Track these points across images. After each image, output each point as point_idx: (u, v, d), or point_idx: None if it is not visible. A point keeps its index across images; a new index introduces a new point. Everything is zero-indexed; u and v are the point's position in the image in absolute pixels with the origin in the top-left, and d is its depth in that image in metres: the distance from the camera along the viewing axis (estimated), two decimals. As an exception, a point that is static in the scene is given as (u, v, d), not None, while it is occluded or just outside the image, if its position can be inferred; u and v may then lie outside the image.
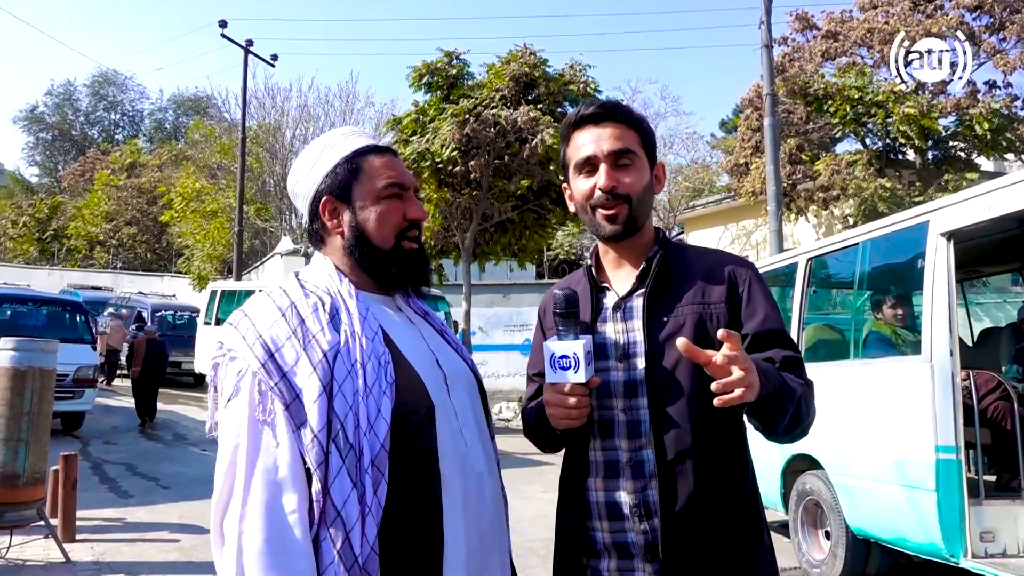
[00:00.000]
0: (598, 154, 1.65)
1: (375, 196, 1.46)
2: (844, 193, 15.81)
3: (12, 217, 41.97)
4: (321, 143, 1.52)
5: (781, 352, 1.60)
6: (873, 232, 5.18)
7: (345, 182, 1.46)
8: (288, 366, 1.24)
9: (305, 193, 1.49)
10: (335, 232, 1.47)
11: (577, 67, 15.35)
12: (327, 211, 1.47)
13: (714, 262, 1.70)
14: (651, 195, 1.73)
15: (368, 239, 1.45)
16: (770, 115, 11.98)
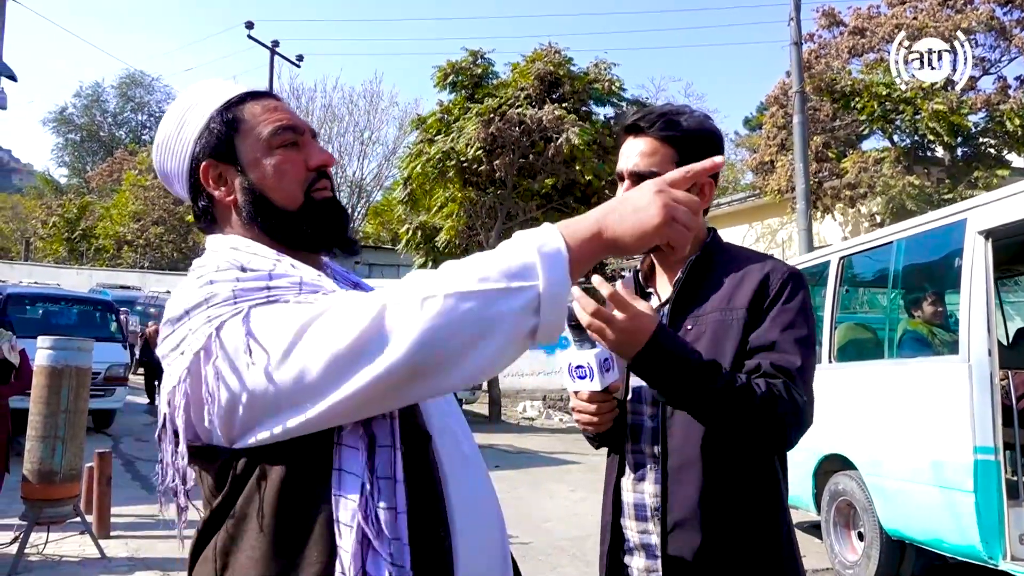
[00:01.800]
0: (622, 170, 1.67)
1: (265, 147, 1.19)
2: (871, 191, 15.63)
3: (42, 217, 42.57)
4: (180, 105, 1.22)
5: (771, 358, 1.52)
6: (908, 230, 5.12)
7: (224, 139, 1.18)
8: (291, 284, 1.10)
9: (178, 168, 1.21)
10: (227, 201, 1.19)
11: (602, 65, 15.33)
12: (210, 179, 1.19)
13: (751, 267, 1.63)
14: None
15: (269, 200, 1.17)
16: (799, 112, 11.89)
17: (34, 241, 42.75)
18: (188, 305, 1.04)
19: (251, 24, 21.43)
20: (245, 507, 1.05)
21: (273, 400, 0.99)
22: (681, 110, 1.70)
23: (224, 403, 1.01)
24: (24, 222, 44.17)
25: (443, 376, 0.97)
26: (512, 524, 6.49)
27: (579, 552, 6.13)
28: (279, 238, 1.18)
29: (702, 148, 1.61)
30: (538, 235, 1.02)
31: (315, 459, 1.03)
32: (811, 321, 1.59)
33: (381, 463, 1.04)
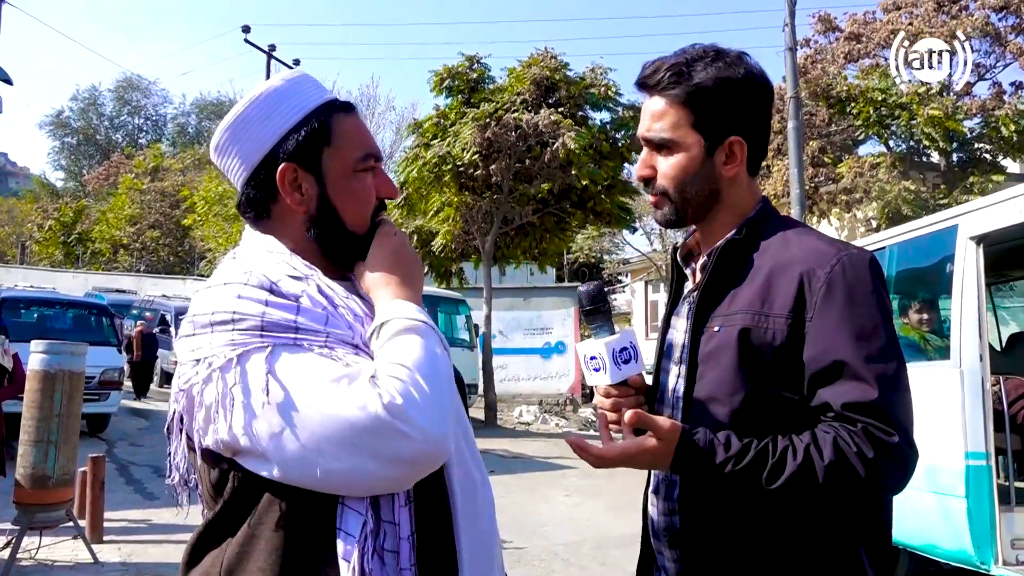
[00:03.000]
0: (638, 135, 1.44)
1: (351, 169, 1.20)
2: (867, 196, 15.68)
3: (38, 221, 42.51)
4: (273, 91, 1.20)
5: (838, 394, 1.22)
6: (901, 236, 5.13)
7: (314, 146, 1.18)
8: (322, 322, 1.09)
9: (249, 152, 1.19)
10: (296, 207, 1.18)
11: (598, 70, 15.35)
12: (287, 181, 1.17)
13: (796, 254, 1.30)
14: (708, 181, 1.37)
15: (340, 219, 1.19)
16: (794, 118, 11.92)
17: (30, 244, 42.69)
18: (215, 319, 1.05)
19: (248, 28, 21.43)
20: (255, 529, 1.07)
21: (274, 447, 1.01)
22: (700, 55, 1.37)
23: (230, 428, 1.03)
24: (20, 225, 44.11)
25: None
26: (507, 529, 6.48)
27: (574, 558, 6.12)
28: (332, 255, 1.20)
29: (725, 105, 1.35)
30: (403, 310, 1.12)
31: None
32: (884, 321, 1.26)
33: (385, 506, 1.07)
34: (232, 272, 1.11)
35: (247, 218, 1.24)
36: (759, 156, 1.41)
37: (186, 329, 1.09)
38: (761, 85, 1.38)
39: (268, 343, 1.02)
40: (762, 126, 1.39)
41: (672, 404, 1.44)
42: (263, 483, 1.05)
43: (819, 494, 1.20)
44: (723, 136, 1.36)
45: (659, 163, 1.39)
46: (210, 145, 1.25)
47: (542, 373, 18.73)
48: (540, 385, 18.19)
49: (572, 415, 16.83)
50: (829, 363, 1.23)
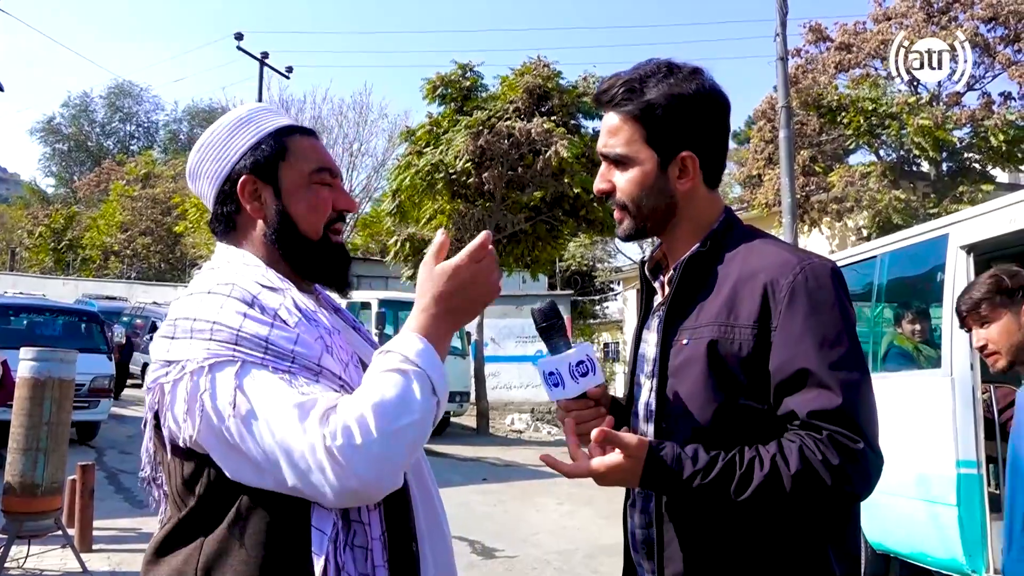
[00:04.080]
0: (599, 152, 1.45)
1: (305, 180, 1.31)
2: (858, 205, 15.76)
3: (28, 227, 42.30)
4: (235, 118, 1.33)
5: (803, 402, 1.23)
6: (892, 245, 5.16)
7: (271, 161, 1.29)
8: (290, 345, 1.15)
9: (215, 172, 1.30)
10: (256, 216, 1.29)
11: (591, 79, 15.44)
12: (247, 192, 1.28)
13: (759, 265, 1.32)
14: (663, 195, 1.38)
15: (296, 226, 1.29)
16: (785, 127, 11.99)
17: (20, 251, 42.45)
18: (195, 326, 1.13)
19: (240, 35, 21.47)
20: (234, 527, 1.13)
21: (235, 454, 1.10)
22: (652, 71, 1.38)
23: (195, 429, 1.11)
24: (10, 232, 43.88)
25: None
26: (499, 538, 6.49)
27: (566, 566, 6.11)
28: (292, 262, 1.30)
29: (676, 121, 1.35)
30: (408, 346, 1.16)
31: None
32: (847, 329, 1.27)
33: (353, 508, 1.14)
34: (215, 282, 1.18)
35: (217, 233, 1.34)
36: (716, 169, 1.43)
37: (165, 331, 1.17)
38: (714, 100, 1.38)
39: (239, 358, 1.10)
40: (716, 140, 1.40)
41: (646, 418, 1.45)
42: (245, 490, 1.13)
43: (787, 503, 1.22)
44: (675, 151, 1.37)
45: (616, 178, 1.42)
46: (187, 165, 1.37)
47: (534, 381, 18.66)
48: (532, 393, 18.15)
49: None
50: (794, 371, 1.25)
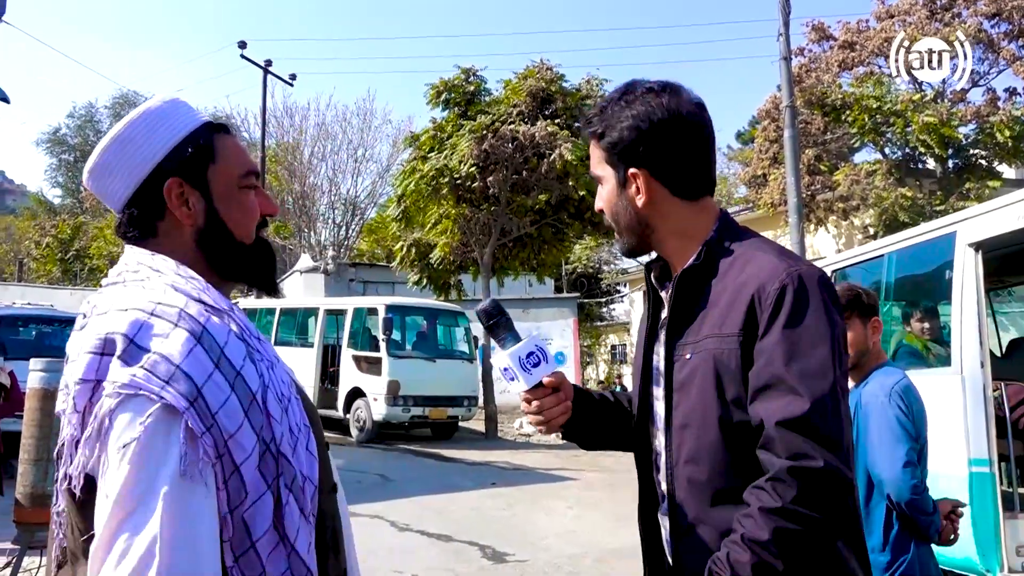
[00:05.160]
0: None
1: (235, 184, 1.25)
2: (864, 203, 15.71)
3: (35, 238, 42.47)
4: (153, 111, 1.23)
5: (775, 415, 1.22)
6: (899, 243, 5.14)
7: (199, 163, 1.22)
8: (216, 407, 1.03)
9: (133, 170, 1.19)
10: (185, 222, 1.20)
11: (594, 81, 15.42)
12: (174, 195, 1.20)
13: (751, 273, 1.32)
14: (627, 212, 1.44)
15: (230, 232, 1.23)
16: (790, 127, 11.97)
17: (28, 262, 42.62)
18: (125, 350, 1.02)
19: (244, 44, 21.55)
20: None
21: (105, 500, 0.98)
22: (613, 96, 1.45)
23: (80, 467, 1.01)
24: (17, 243, 44.10)
25: None
26: (509, 542, 6.47)
27: (577, 570, 6.10)
28: (219, 267, 1.23)
29: (625, 141, 1.40)
30: None
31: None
32: (830, 337, 1.25)
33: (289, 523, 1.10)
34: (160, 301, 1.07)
35: (129, 238, 1.22)
36: (686, 181, 1.42)
37: (89, 345, 1.04)
38: (670, 117, 1.39)
39: (160, 400, 0.99)
40: (675, 154, 1.40)
41: (661, 429, 1.46)
42: None
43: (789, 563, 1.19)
44: (625, 169, 1.41)
45: (600, 196, 1.50)
46: (85, 169, 1.24)
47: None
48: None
49: (572, 426, 16.79)
50: (766, 378, 1.24)
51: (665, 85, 1.43)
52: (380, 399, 13.77)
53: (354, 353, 14.65)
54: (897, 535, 2.51)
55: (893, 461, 2.47)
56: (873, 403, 2.56)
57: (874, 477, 2.54)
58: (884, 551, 2.51)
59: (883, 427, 2.51)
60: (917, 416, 2.57)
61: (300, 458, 1.13)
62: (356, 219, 30.81)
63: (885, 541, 2.52)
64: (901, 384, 2.59)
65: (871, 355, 2.67)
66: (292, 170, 28.76)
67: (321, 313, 15.91)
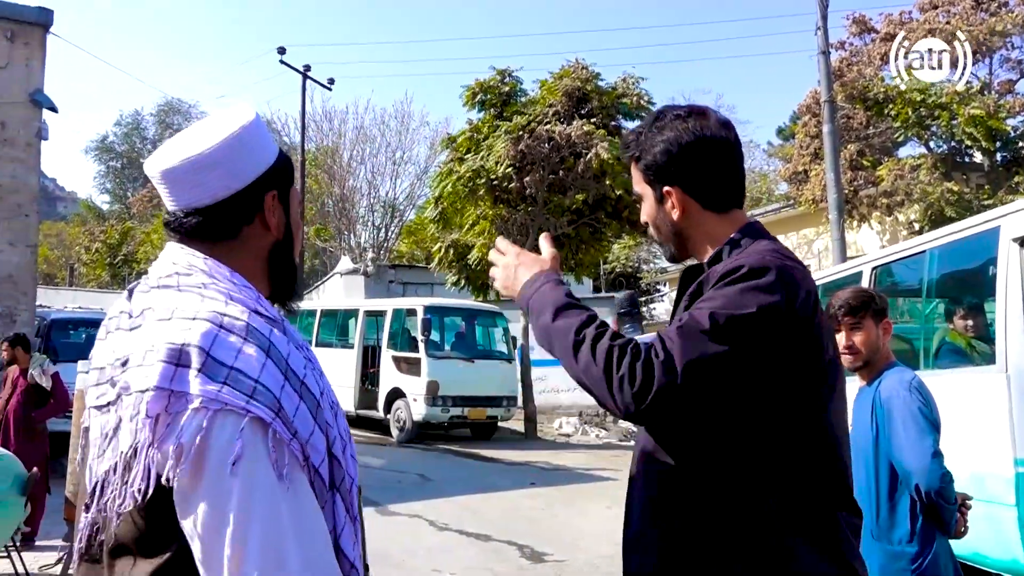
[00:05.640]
0: None
1: (298, 208, 1.35)
2: (909, 198, 15.40)
3: (85, 243, 43.57)
4: (260, 123, 1.28)
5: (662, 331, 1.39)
6: (941, 239, 5.04)
7: (288, 181, 1.30)
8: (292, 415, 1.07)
9: (242, 171, 1.21)
10: (272, 231, 1.26)
11: (630, 80, 15.35)
12: (270, 207, 1.25)
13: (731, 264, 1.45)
14: (665, 225, 1.61)
15: (292, 248, 1.31)
16: (829, 122, 11.78)
17: (78, 267, 43.75)
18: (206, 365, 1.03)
19: (283, 49, 21.83)
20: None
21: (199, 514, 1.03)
22: (648, 122, 1.61)
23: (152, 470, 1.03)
24: (68, 248, 45.27)
25: None
26: (547, 542, 6.48)
27: (614, 570, 6.06)
28: (276, 278, 1.30)
29: (659, 162, 1.56)
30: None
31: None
32: (728, 306, 1.34)
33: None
34: (225, 313, 1.09)
35: (197, 236, 1.22)
36: (716, 195, 1.57)
37: (161, 353, 1.04)
38: (698, 139, 1.54)
39: (248, 414, 1.02)
40: (704, 172, 1.55)
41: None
42: None
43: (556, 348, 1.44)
44: (661, 186, 1.58)
45: (643, 211, 1.66)
46: (176, 155, 1.20)
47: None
48: (580, 396, 18.06)
49: (612, 426, 16.73)
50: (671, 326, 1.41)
51: (692, 110, 1.58)
52: (420, 399, 13.87)
53: (394, 354, 14.77)
54: (923, 526, 2.54)
55: (922, 450, 2.49)
56: (894, 397, 2.59)
57: (900, 469, 2.56)
58: (911, 542, 2.54)
59: (908, 419, 2.54)
60: (935, 410, 2.62)
61: (348, 460, 1.18)
62: (395, 221, 31.06)
63: (912, 533, 2.54)
64: (917, 379, 2.67)
65: (881, 355, 2.75)
66: (332, 173, 29.09)
67: (361, 314, 16.07)
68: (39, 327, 11.54)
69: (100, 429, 1.11)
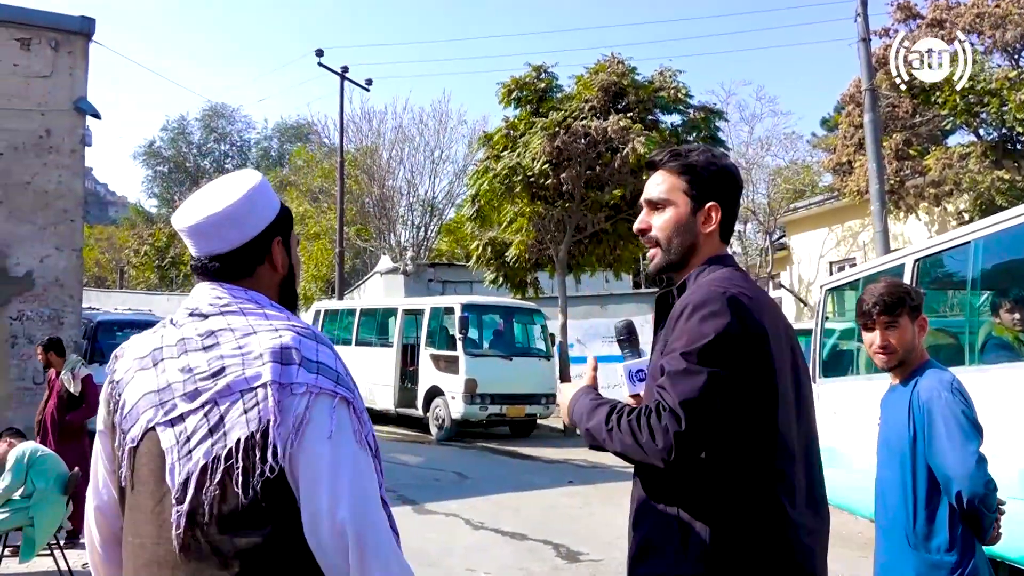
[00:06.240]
0: (642, 200, 1.87)
1: (295, 249, 1.63)
2: (957, 188, 14.97)
3: (134, 247, 44.58)
4: (266, 183, 1.58)
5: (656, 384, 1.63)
6: (987, 228, 4.86)
7: (289, 228, 1.59)
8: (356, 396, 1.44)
9: (257, 224, 1.51)
10: (279, 269, 1.55)
11: (667, 73, 15.19)
12: (277, 250, 1.55)
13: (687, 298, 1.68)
14: (690, 234, 1.78)
15: (295, 281, 1.61)
16: (870, 111, 11.50)
17: (128, 270, 44.77)
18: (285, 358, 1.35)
19: (321, 52, 22.03)
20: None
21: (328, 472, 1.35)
22: (692, 148, 1.85)
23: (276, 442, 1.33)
24: (118, 252, 46.34)
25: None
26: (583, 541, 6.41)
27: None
28: (286, 304, 1.55)
29: (708, 180, 1.78)
30: None
31: None
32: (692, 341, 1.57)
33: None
34: (295, 324, 1.43)
35: (222, 276, 1.49)
36: (730, 226, 1.83)
37: (268, 356, 1.34)
38: (733, 176, 1.83)
39: (337, 395, 1.36)
40: (732, 201, 1.81)
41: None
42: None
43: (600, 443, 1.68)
44: (705, 201, 1.77)
45: (654, 219, 1.81)
46: (199, 213, 1.48)
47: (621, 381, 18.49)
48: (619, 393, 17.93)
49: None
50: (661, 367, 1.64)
51: (724, 152, 1.98)
52: (458, 397, 13.88)
53: (432, 352, 14.81)
54: (963, 534, 2.41)
55: (966, 457, 2.36)
56: (936, 399, 2.46)
57: (940, 475, 2.42)
58: (951, 551, 2.40)
59: (951, 423, 2.40)
60: (976, 413, 2.49)
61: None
62: (434, 220, 31.16)
63: (952, 541, 2.41)
64: (957, 380, 2.54)
65: (916, 353, 2.62)
66: (371, 174, 29.25)
67: (400, 313, 16.14)
68: (86, 329, 11.81)
69: (178, 436, 1.35)
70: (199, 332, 1.39)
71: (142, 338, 1.47)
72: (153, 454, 1.36)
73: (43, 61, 10.37)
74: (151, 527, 1.35)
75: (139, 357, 1.42)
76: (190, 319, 1.43)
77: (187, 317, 1.44)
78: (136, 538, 1.38)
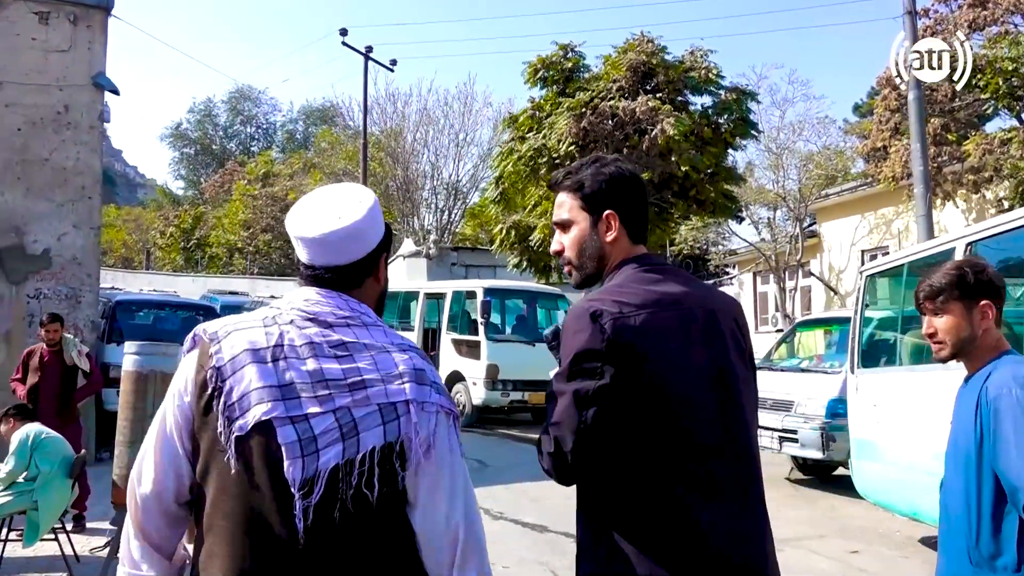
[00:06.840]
0: (552, 223, 1.97)
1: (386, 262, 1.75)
2: (998, 175, 14.47)
3: (161, 228, 44.86)
4: (376, 199, 1.67)
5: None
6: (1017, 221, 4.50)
7: (390, 244, 1.70)
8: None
9: (371, 240, 1.61)
10: (381, 280, 1.67)
11: (698, 53, 14.79)
12: (382, 262, 1.67)
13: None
14: (595, 247, 1.84)
15: (386, 293, 1.72)
16: (915, 88, 11.03)
17: (154, 251, 45.06)
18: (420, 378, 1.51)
19: (345, 31, 21.79)
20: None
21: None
22: (584, 163, 1.90)
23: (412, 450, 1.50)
24: (145, 233, 46.67)
25: None
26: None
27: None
28: (379, 314, 1.66)
29: (600, 191, 1.84)
30: None
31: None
32: (563, 359, 1.69)
33: None
34: (407, 342, 1.60)
35: (333, 285, 1.58)
36: (638, 225, 1.86)
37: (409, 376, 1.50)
38: (627, 177, 1.86)
39: (453, 413, 1.57)
40: (632, 203, 1.85)
41: None
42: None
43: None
44: (601, 211, 1.83)
45: (564, 239, 1.88)
46: (337, 226, 1.56)
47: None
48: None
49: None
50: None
51: (617, 157, 1.96)
52: (479, 383, 13.65)
53: (454, 337, 14.59)
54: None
55: None
56: (1004, 395, 2.13)
57: (1005, 482, 2.09)
58: (1020, 570, 2.07)
59: (1020, 422, 2.08)
60: None
61: None
62: (458, 204, 30.91)
63: (1020, 561, 2.07)
64: None
65: (982, 343, 2.29)
66: (396, 156, 29.06)
67: (421, 297, 15.92)
68: (104, 308, 11.72)
69: (301, 434, 1.41)
70: (329, 342, 1.48)
71: (247, 329, 1.49)
72: (264, 445, 1.41)
73: (61, 35, 10.21)
74: (265, 514, 1.40)
75: (253, 350, 1.45)
76: (311, 324, 1.50)
77: (305, 321, 1.51)
78: (236, 525, 1.41)
